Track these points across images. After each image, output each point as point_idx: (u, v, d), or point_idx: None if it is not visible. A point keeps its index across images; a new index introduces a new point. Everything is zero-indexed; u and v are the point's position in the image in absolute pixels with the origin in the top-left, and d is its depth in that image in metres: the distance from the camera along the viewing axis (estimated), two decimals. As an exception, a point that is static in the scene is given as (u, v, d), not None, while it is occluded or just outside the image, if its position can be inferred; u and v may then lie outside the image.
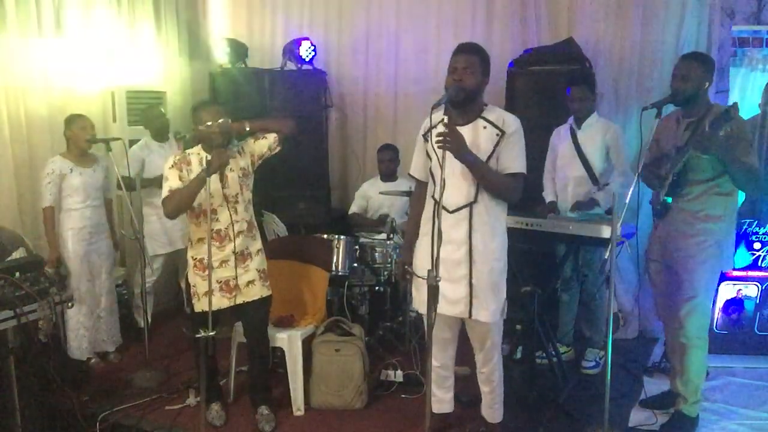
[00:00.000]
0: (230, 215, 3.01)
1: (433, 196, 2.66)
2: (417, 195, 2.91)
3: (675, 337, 3.03)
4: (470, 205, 2.60)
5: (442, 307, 2.60)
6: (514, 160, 2.59)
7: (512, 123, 2.60)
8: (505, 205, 2.70)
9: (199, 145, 3.04)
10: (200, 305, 3.04)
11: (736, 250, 3.74)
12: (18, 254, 3.34)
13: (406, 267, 2.84)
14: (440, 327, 2.73)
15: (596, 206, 3.61)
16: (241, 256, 3.05)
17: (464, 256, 2.61)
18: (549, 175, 3.91)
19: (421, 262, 2.71)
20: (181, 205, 2.92)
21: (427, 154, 2.72)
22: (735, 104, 2.64)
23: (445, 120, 2.42)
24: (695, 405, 3.02)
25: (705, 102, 2.89)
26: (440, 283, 2.42)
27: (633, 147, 3.89)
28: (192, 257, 3.06)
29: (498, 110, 2.66)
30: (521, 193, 2.65)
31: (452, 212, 2.62)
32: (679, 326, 2.97)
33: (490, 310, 2.64)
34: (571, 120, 3.78)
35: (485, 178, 2.56)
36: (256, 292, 3.09)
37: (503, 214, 2.71)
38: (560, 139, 3.83)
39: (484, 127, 2.60)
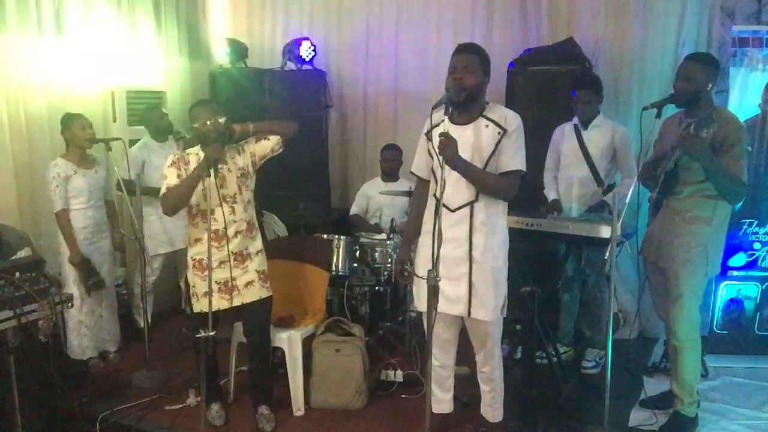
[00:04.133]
0: (228, 215, 3.00)
1: (435, 195, 2.67)
2: (418, 193, 2.92)
3: (667, 338, 3.04)
4: (471, 204, 2.62)
5: (442, 306, 2.62)
6: (512, 158, 2.60)
7: (513, 120, 2.61)
8: (505, 203, 2.71)
9: (198, 145, 3.04)
10: (199, 306, 3.03)
11: (735, 253, 3.75)
12: (24, 253, 3.35)
13: (405, 266, 2.85)
14: (441, 326, 2.74)
15: (607, 209, 3.60)
16: (240, 257, 3.05)
17: (464, 254, 2.62)
18: (551, 173, 3.90)
19: (422, 261, 2.72)
20: (178, 202, 2.91)
21: (429, 153, 2.72)
22: (717, 107, 2.64)
23: (446, 120, 2.43)
24: (692, 405, 3.02)
25: (707, 104, 2.87)
26: (440, 282, 2.43)
27: (633, 147, 3.88)
28: (191, 257, 3.06)
29: (499, 108, 2.67)
30: (517, 191, 2.66)
31: (453, 211, 2.63)
32: (669, 328, 2.98)
33: (489, 308, 2.64)
34: (575, 119, 3.78)
35: (477, 181, 2.58)
36: (255, 293, 3.08)
37: (504, 212, 2.72)
38: (564, 138, 3.81)
39: (486, 126, 2.61)
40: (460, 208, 2.63)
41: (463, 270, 2.63)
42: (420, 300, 2.78)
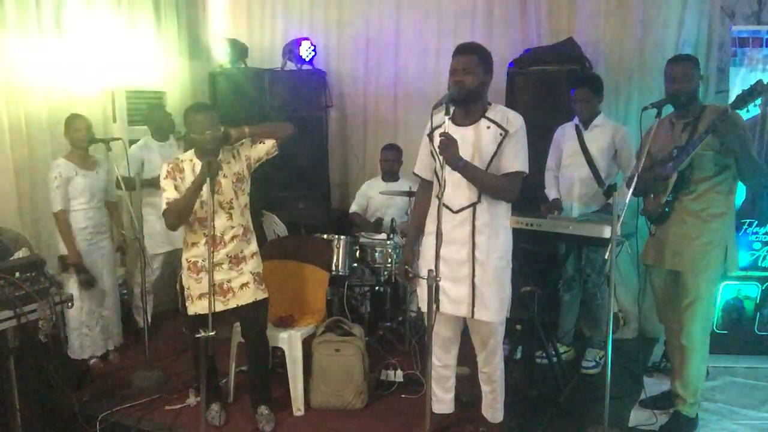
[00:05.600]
0: (225, 221, 2.99)
1: (437, 196, 2.67)
2: (421, 194, 2.91)
3: (676, 338, 3.03)
4: (473, 206, 2.61)
5: (445, 307, 2.62)
6: (514, 159, 2.59)
7: (515, 121, 2.61)
8: (509, 204, 2.70)
9: (192, 151, 3.02)
10: (193, 308, 3.03)
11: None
12: (21, 254, 3.34)
13: (406, 267, 2.85)
14: (443, 326, 2.74)
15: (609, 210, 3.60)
16: (235, 260, 3.04)
17: (467, 255, 2.62)
18: (552, 173, 3.90)
19: (426, 261, 2.73)
20: (180, 216, 2.90)
21: (432, 155, 2.72)
22: (760, 81, 2.64)
23: (447, 121, 2.43)
24: (694, 406, 3.02)
25: (697, 101, 2.90)
26: (443, 283, 2.44)
27: (634, 147, 3.89)
28: (186, 260, 3.05)
29: (502, 108, 2.67)
30: (519, 192, 2.65)
31: (456, 212, 2.63)
32: (680, 328, 2.97)
33: (492, 309, 2.64)
34: (576, 119, 3.78)
35: (478, 181, 2.58)
36: (250, 295, 3.08)
37: (507, 213, 2.72)
38: (565, 138, 3.81)
39: (488, 127, 2.60)
40: (462, 209, 2.62)
41: (466, 271, 2.63)
42: (424, 300, 2.78)
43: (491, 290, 2.63)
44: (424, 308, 2.79)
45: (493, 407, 2.93)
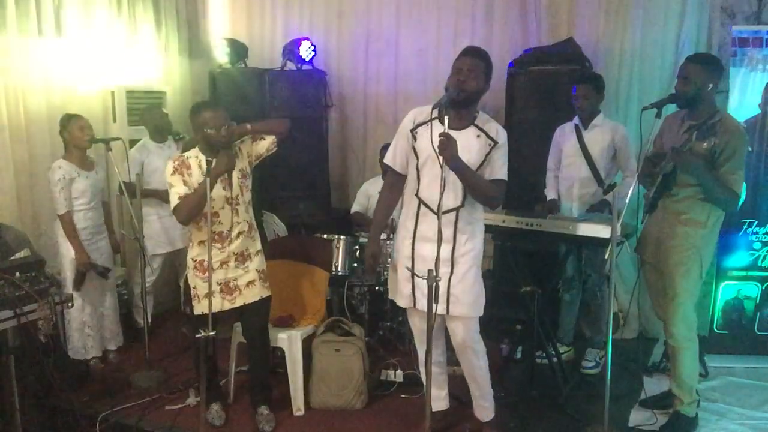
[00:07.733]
0: (232, 217, 3.00)
1: (417, 195, 2.69)
2: (389, 186, 2.89)
3: (666, 339, 3.05)
4: (457, 209, 2.66)
5: (422, 303, 2.66)
6: (500, 168, 2.67)
7: (503, 134, 2.69)
8: (482, 209, 2.77)
9: (196, 148, 3.02)
10: (200, 307, 3.03)
11: (735, 253, 3.75)
12: (23, 254, 3.34)
13: (374, 260, 2.88)
14: (424, 323, 2.74)
15: (608, 208, 3.60)
16: (241, 257, 3.05)
17: (447, 255, 2.66)
18: (552, 173, 3.90)
19: (402, 258, 2.78)
20: (193, 210, 2.88)
21: (414, 152, 2.71)
22: (724, 117, 2.70)
23: (445, 122, 2.43)
24: (692, 405, 3.02)
25: (710, 105, 2.86)
26: (419, 281, 2.55)
27: (633, 146, 3.89)
28: (192, 259, 3.05)
29: (489, 119, 2.73)
30: (503, 199, 2.74)
31: (442, 214, 2.64)
32: (666, 329, 2.99)
33: (466, 304, 2.70)
34: (576, 119, 3.78)
35: (471, 182, 2.60)
36: (256, 293, 3.09)
37: (482, 217, 2.80)
38: (565, 138, 3.81)
39: (478, 136, 2.65)
40: (446, 212, 2.63)
41: (445, 269, 2.65)
42: (395, 293, 2.84)
43: (467, 289, 2.69)
44: (399, 302, 2.84)
45: (481, 406, 2.95)
